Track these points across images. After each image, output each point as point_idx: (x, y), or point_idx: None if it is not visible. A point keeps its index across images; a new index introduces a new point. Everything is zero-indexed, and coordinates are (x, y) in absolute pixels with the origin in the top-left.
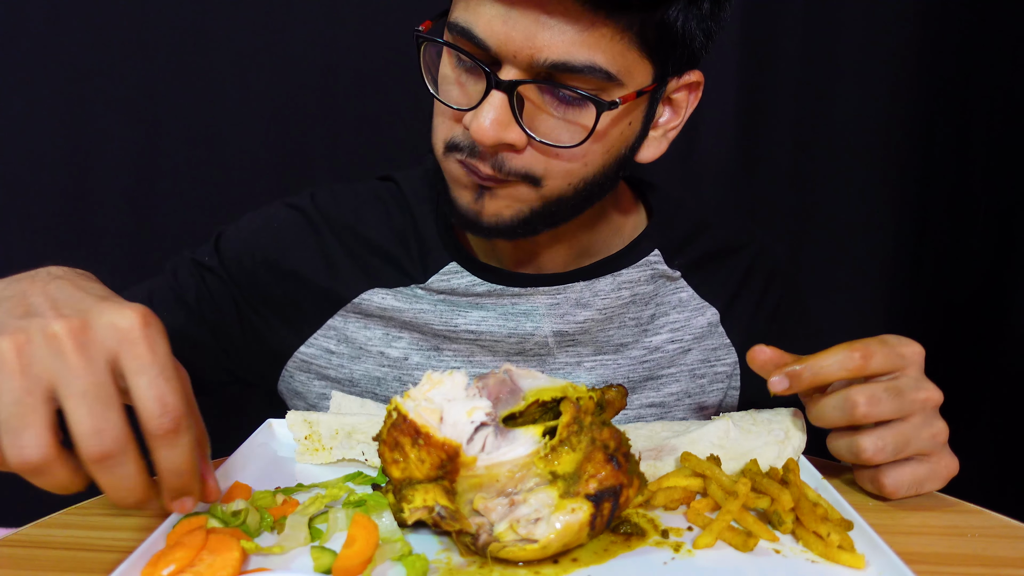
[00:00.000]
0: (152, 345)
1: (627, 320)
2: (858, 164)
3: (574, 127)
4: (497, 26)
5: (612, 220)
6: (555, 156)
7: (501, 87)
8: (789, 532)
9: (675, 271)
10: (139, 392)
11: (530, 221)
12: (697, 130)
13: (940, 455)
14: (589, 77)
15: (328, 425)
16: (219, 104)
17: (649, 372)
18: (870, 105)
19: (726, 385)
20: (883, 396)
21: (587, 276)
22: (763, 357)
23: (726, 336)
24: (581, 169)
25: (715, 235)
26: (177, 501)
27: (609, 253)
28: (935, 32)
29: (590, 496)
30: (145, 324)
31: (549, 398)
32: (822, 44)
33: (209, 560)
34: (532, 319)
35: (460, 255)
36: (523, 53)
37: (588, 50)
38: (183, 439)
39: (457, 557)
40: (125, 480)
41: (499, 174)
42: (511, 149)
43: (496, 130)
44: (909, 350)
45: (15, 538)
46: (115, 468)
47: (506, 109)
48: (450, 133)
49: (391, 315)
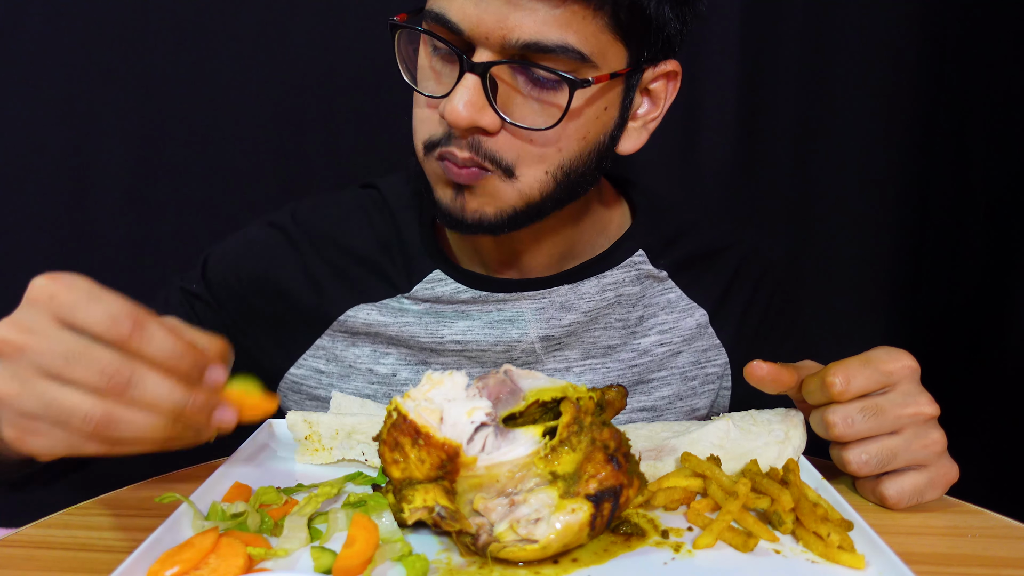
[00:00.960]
0: (69, 287)
1: (613, 321)
2: (858, 163)
3: (548, 109)
4: (469, 9)
5: (596, 217)
6: (528, 141)
7: (475, 70)
8: (789, 532)
9: (661, 271)
10: (89, 327)
11: (514, 218)
12: (697, 130)
13: (938, 464)
14: (562, 57)
15: (328, 425)
16: (219, 104)
17: (639, 376)
18: (870, 105)
19: (717, 386)
20: (857, 417)
21: (571, 279)
22: (760, 373)
23: (716, 337)
24: (556, 155)
25: (700, 236)
26: (218, 411)
27: (594, 254)
28: (935, 32)
29: (590, 496)
30: (51, 279)
31: (549, 398)
32: (822, 44)
33: (214, 564)
34: (518, 325)
35: (444, 262)
36: (495, 34)
37: (560, 30)
38: (152, 328)
39: (457, 557)
40: (158, 389)
41: (476, 156)
42: (485, 133)
43: (469, 112)
44: (897, 366)
45: (15, 538)
46: (140, 385)
47: (479, 92)
48: (429, 132)
49: (377, 330)
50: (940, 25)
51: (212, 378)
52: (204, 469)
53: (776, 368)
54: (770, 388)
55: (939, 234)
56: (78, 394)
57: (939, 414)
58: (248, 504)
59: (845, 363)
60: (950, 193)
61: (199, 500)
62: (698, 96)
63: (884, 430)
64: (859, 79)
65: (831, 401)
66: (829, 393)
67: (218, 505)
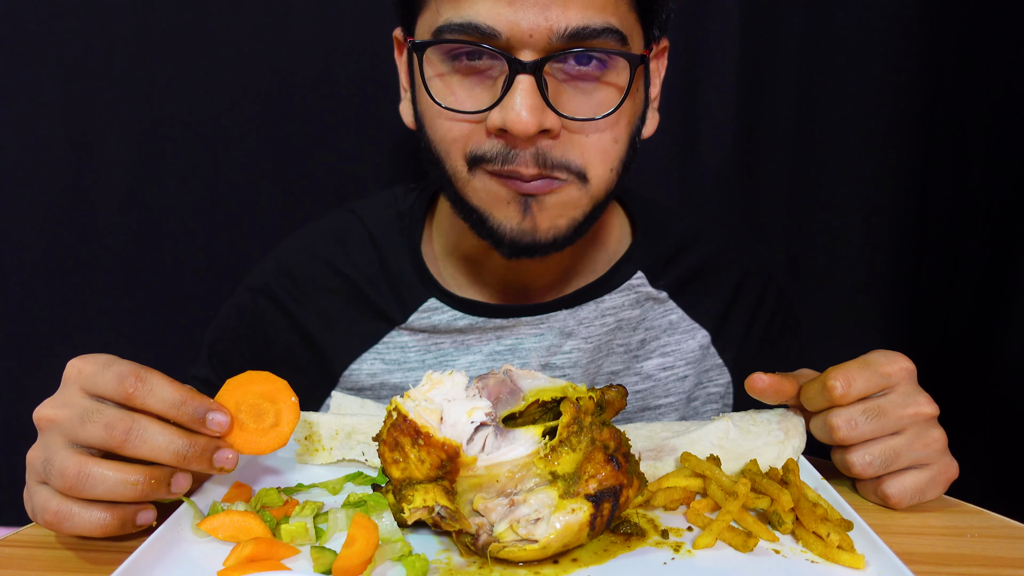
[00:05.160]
0: (91, 361)
1: (616, 347)
2: (858, 164)
3: (596, 99)
4: (503, 10)
5: (595, 229)
6: (584, 136)
7: (526, 70)
8: (789, 532)
9: (661, 292)
10: (102, 391)
11: (582, 225)
12: (697, 131)
13: (939, 462)
14: (608, 40)
15: (328, 425)
16: (219, 105)
17: (643, 402)
18: (870, 105)
19: (719, 405)
20: (860, 419)
21: (569, 304)
22: (761, 385)
23: (718, 356)
24: (614, 147)
25: (701, 250)
26: (218, 454)
27: (592, 268)
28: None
29: (590, 496)
30: (80, 358)
31: (549, 398)
32: (822, 44)
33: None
34: (518, 355)
35: (437, 290)
36: (540, 29)
37: (601, 12)
38: (154, 381)
39: (457, 557)
40: (158, 437)
41: (544, 170)
42: (547, 136)
43: (535, 116)
44: (895, 368)
45: (15, 538)
46: (140, 434)
47: (536, 93)
48: (469, 146)
49: (382, 380)
50: (940, 25)
51: (215, 422)
52: None
53: (777, 379)
54: (771, 399)
55: (939, 234)
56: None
57: (938, 413)
58: (249, 504)
59: (844, 367)
60: (950, 194)
61: (199, 500)
62: (697, 98)
63: (886, 431)
64: (859, 79)
65: (832, 405)
66: (830, 397)
67: (218, 505)
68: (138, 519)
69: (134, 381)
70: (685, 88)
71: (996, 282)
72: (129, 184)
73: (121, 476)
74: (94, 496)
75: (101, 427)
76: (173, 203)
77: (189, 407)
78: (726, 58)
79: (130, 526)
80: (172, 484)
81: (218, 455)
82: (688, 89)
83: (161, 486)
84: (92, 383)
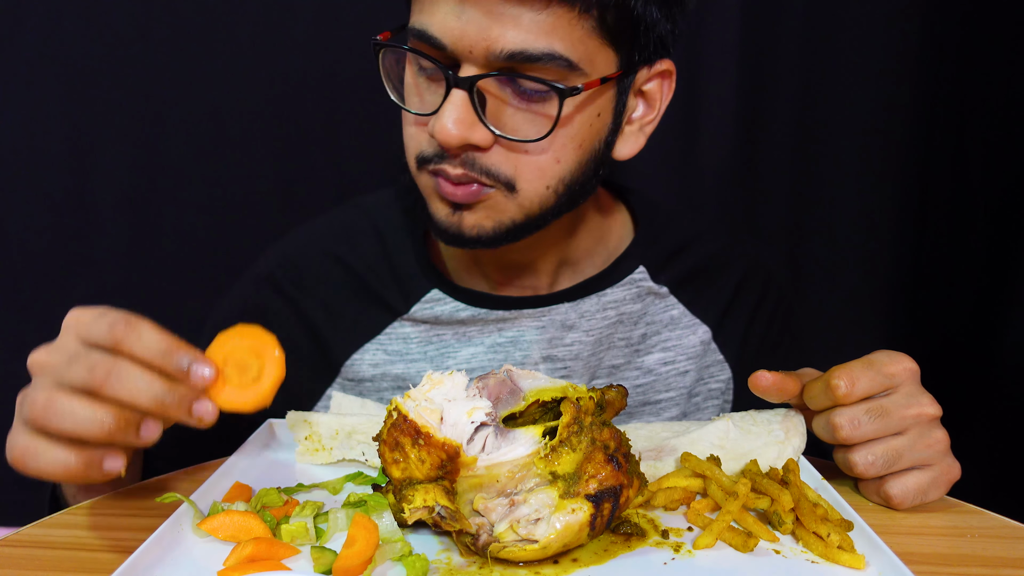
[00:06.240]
0: (88, 311)
1: (617, 341)
2: (858, 165)
3: (539, 120)
4: (451, 23)
5: (593, 225)
6: (524, 152)
7: (461, 85)
8: (789, 532)
9: (662, 287)
10: (93, 338)
11: (512, 231)
12: (697, 131)
13: (941, 463)
14: (549, 66)
15: (328, 425)
16: (219, 104)
17: (645, 397)
18: (870, 105)
19: (720, 401)
20: (864, 419)
21: (571, 297)
22: (764, 383)
23: (719, 352)
24: (554, 166)
25: (702, 248)
26: (197, 404)
27: (593, 263)
28: (935, 32)
29: (590, 496)
30: (79, 309)
31: (549, 398)
32: (822, 45)
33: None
34: (520, 347)
35: (440, 281)
36: (479, 47)
37: (546, 37)
38: (142, 329)
39: (457, 557)
40: (137, 381)
41: (471, 172)
42: (477, 149)
43: (460, 129)
44: (898, 368)
45: (15, 538)
46: (120, 378)
47: (468, 107)
48: (419, 147)
49: (383, 371)
50: (940, 25)
51: (198, 374)
52: (204, 469)
53: (780, 377)
54: (774, 397)
55: (939, 234)
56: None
57: (941, 414)
58: (249, 504)
59: (848, 366)
60: (950, 193)
61: (199, 500)
62: (697, 99)
63: (889, 431)
64: (859, 79)
65: (835, 405)
66: (833, 396)
67: (218, 505)
68: (104, 464)
69: (123, 327)
70: (685, 88)
71: (996, 282)
72: (129, 184)
73: (90, 412)
74: (60, 430)
75: (84, 368)
76: (173, 203)
77: (174, 356)
78: (726, 58)
79: (96, 471)
80: (142, 429)
81: (197, 405)
82: (688, 89)
83: (131, 429)
84: (87, 330)
